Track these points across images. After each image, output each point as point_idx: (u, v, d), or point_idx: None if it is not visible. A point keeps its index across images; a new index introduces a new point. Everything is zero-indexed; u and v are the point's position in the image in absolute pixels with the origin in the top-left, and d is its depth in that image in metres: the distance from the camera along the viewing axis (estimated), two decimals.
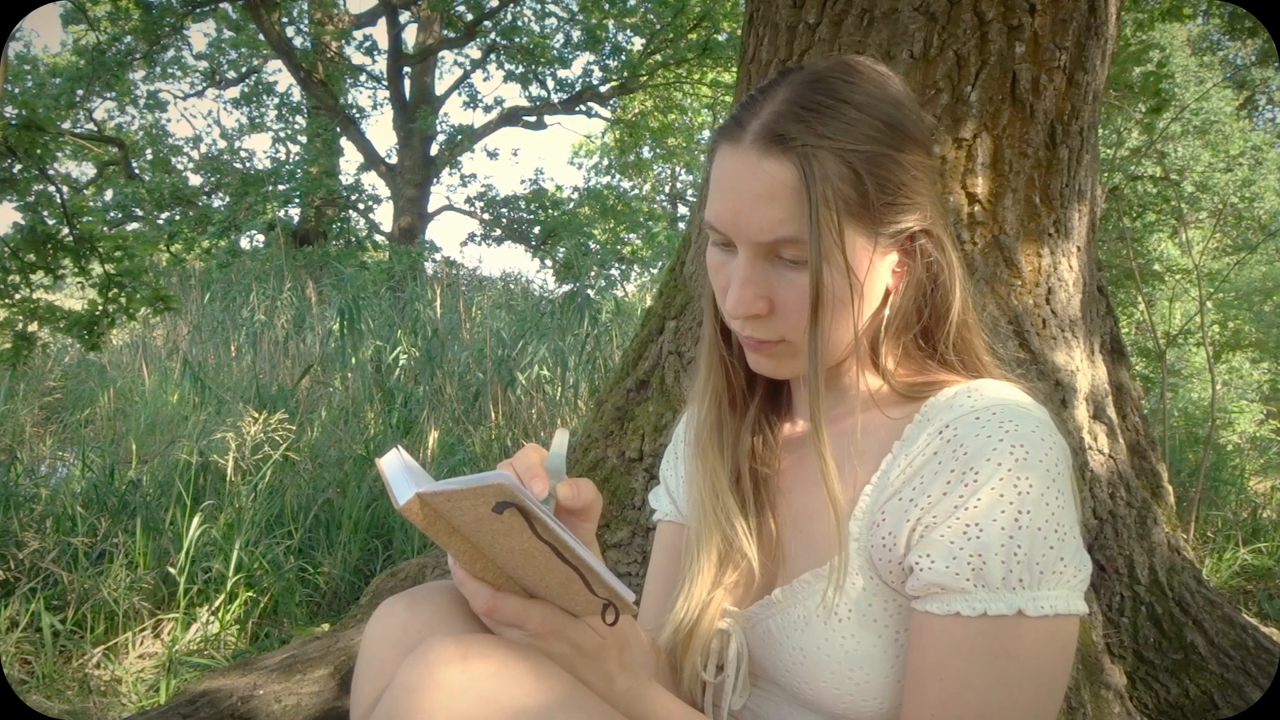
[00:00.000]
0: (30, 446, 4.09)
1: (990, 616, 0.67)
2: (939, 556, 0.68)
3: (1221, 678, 1.79)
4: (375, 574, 2.70)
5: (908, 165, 0.75)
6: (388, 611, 0.80)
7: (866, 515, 0.75)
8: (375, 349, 5.34)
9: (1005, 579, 0.67)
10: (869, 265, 0.75)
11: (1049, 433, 0.69)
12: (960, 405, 0.72)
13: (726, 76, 12.20)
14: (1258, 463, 5.24)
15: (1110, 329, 2.16)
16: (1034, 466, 0.67)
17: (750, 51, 1.96)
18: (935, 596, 0.69)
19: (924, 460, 0.71)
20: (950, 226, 0.82)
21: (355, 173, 13.76)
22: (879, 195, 0.73)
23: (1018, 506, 0.67)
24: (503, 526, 0.62)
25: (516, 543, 0.63)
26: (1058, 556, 0.67)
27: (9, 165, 3.51)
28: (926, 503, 0.70)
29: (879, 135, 0.73)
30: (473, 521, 0.63)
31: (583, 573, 0.65)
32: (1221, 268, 8.13)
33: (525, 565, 0.66)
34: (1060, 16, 1.71)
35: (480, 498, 0.60)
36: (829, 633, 0.75)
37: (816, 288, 0.73)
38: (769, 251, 0.75)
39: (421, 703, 0.64)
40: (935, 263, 0.78)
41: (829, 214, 0.71)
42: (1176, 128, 9.13)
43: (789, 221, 0.72)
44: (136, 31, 10.67)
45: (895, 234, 0.76)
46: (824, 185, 0.71)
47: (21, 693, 2.04)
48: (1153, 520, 1.92)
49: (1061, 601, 0.68)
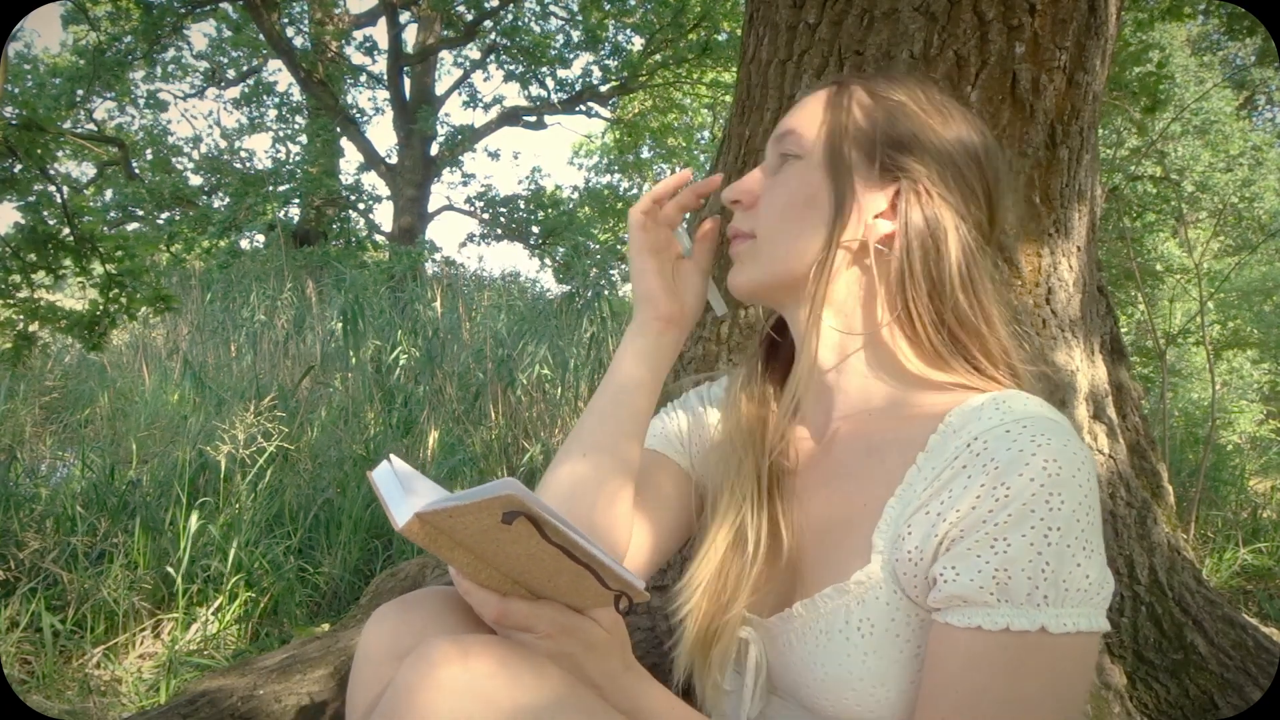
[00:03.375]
0: (30, 446, 4.09)
1: (1013, 632, 0.66)
2: (964, 569, 0.67)
3: (1221, 678, 1.79)
4: (375, 574, 2.70)
5: (927, 126, 0.80)
6: (382, 617, 0.80)
7: (891, 528, 0.74)
8: (375, 349, 5.34)
9: (1030, 595, 0.66)
10: (855, 186, 0.80)
11: (1080, 448, 0.68)
12: (989, 417, 0.71)
13: (726, 76, 12.20)
14: (1258, 463, 5.24)
15: (1110, 329, 2.16)
16: (1066, 483, 0.66)
17: (750, 51, 1.96)
18: (957, 609, 0.68)
19: (952, 474, 0.70)
20: (985, 228, 0.83)
21: (355, 173, 13.79)
22: (889, 127, 0.80)
23: (1048, 523, 0.66)
24: (509, 535, 0.61)
25: (523, 548, 0.63)
26: (1084, 575, 0.67)
27: (9, 165, 3.51)
28: (955, 516, 0.69)
29: (911, 96, 0.82)
30: (477, 533, 0.62)
31: (595, 569, 0.64)
32: (1222, 268, 8.13)
33: (532, 568, 0.65)
34: (1060, 16, 1.71)
35: (486, 510, 0.59)
36: (850, 649, 0.74)
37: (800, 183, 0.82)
38: (779, 152, 0.85)
39: (422, 703, 0.64)
40: (927, 237, 0.78)
41: (839, 122, 0.81)
42: (1176, 128, 9.13)
43: (804, 121, 0.84)
44: (136, 31, 10.66)
45: (885, 171, 0.80)
46: (845, 98, 0.82)
47: (21, 693, 2.04)
48: (1153, 520, 1.92)
49: (1085, 620, 0.67)
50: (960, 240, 0.79)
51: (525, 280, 10.58)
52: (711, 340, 1.91)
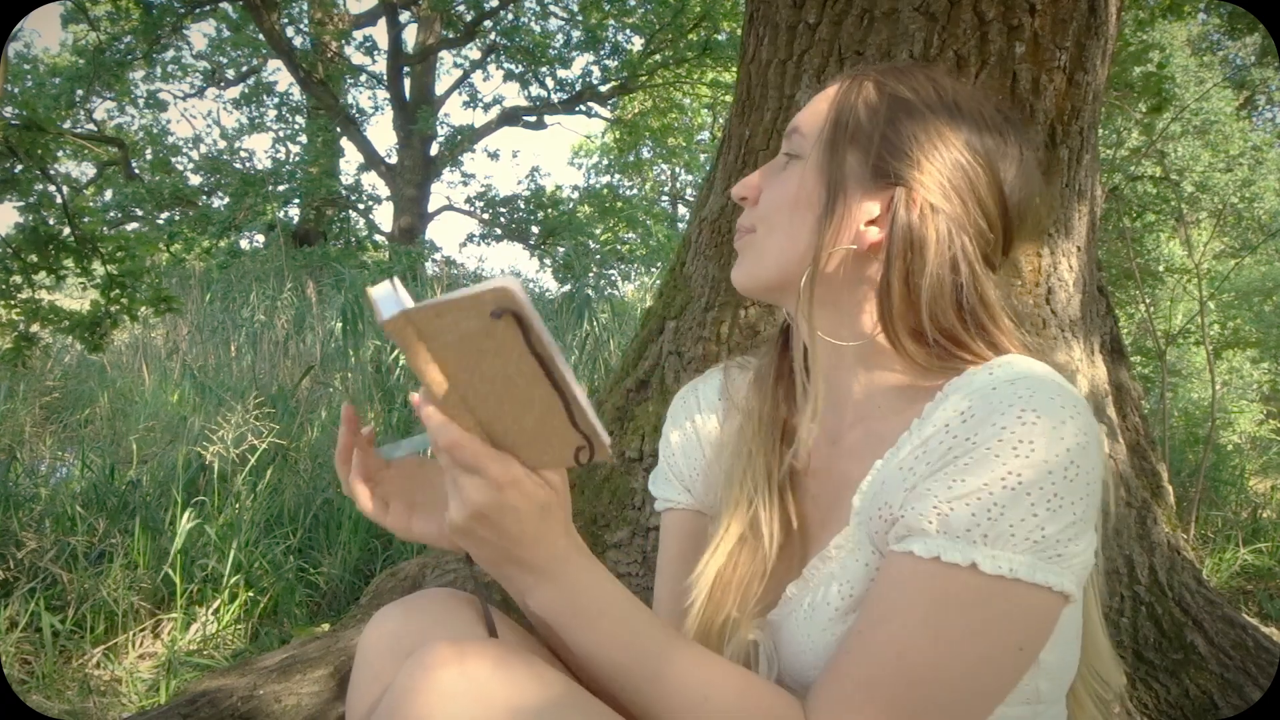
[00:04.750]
0: (30, 446, 4.09)
1: (942, 562, 0.65)
2: (918, 504, 0.68)
3: (1221, 678, 1.79)
4: (375, 574, 2.70)
5: (936, 133, 0.77)
6: (383, 618, 0.79)
7: (870, 487, 0.74)
8: (375, 349, 5.34)
9: (969, 531, 0.65)
10: (848, 190, 0.78)
11: (1069, 404, 0.66)
12: (979, 381, 0.70)
13: (726, 76, 12.20)
14: (1258, 463, 5.24)
15: (1110, 329, 2.16)
16: (1044, 434, 0.64)
17: (750, 51, 1.96)
18: (902, 538, 0.69)
19: (933, 430, 0.70)
20: (991, 237, 0.78)
21: (355, 173, 13.82)
22: (889, 129, 0.77)
23: (1009, 468, 0.64)
24: (492, 344, 0.60)
25: (501, 366, 0.61)
26: (1039, 525, 0.64)
27: (10, 165, 3.52)
28: (925, 469, 0.69)
29: (921, 92, 0.78)
30: (459, 340, 0.60)
31: (568, 398, 0.62)
32: (1222, 268, 8.13)
33: (504, 396, 0.63)
34: (1060, 16, 1.71)
35: (476, 306, 0.57)
36: (833, 613, 0.74)
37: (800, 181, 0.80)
38: (785, 150, 0.83)
39: (420, 705, 0.64)
40: (915, 248, 0.75)
41: (842, 123, 0.79)
42: (1176, 128, 9.13)
43: (808, 120, 0.82)
44: (136, 31, 10.67)
45: (880, 177, 0.77)
46: (852, 95, 0.80)
47: (21, 693, 2.04)
48: (1153, 520, 1.92)
49: (1024, 569, 0.64)
50: (953, 254, 0.74)
51: (525, 280, 10.58)
52: (712, 340, 1.91)
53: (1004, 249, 0.80)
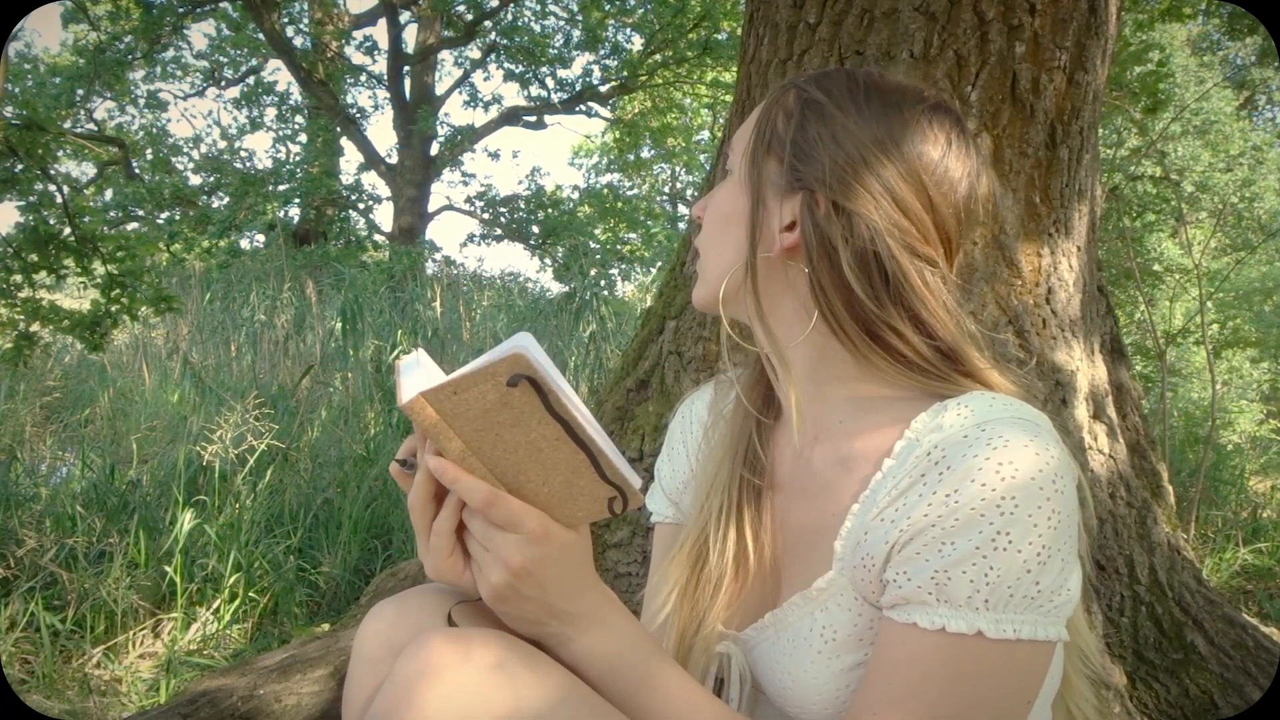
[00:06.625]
0: (30, 446, 4.09)
1: (949, 633, 0.65)
2: (912, 572, 0.67)
3: (1221, 678, 1.79)
4: (375, 574, 2.70)
5: (843, 131, 0.75)
6: (379, 614, 0.80)
7: (851, 535, 0.74)
8: (375, 349, 5.34)
9: (970, 599, 0.65)
10: (767, 200, 0.78)
11: (1044, 447, 0.66)
12: (950, 424, 0.70)
13: (726, 76, 12.20)
14: (1258, 463, 5.24)
15: (1110, 329, 2.16)
16: (1023, 487, 0.64)
17: (750, 51, 1.96)
18: (900, 607, 0.69)
19: (910, 482, 0.69)
20: (916, 229, 0.75)
21: (355, 173, 13.80)
22: (798, 134, 0.77)
23: (998, 528, 0.64)
24: (510, 416, 0.60)
25: (523, 434, 0.61)
26: (1033, 581, 0.65)
27: (10, 165, 3.52)
28: (907, 524, 0.68)
29: (833, 92, 0.78)
30: (478, 415, 0.60)
31: (594, 454, 0.62)
32: (1221, 268, 8.13)
33: (529, 462, 0.63)
34: (1060, 16, 1.72)
35: (491, 378, 0.58)
36: (815, 655, 0.75)
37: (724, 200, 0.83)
38: (724, 168, 0.85)
39: (421, 695, 0.64)
40: (823, 247, 0.74)
41: (761, 135, 0.80)
42: (1176, 128, 9.13)
43: (738, 136, 0.84)
44: (136, 31, 10.66)
45: (795, 181, 0.76)
46: (773, 106, 0.80)
47: (21, 693, 2.04)
48: (1153, 520, 1.92)
49: (1027, 627, 0.65)
50: (874, 249, 0.73)
51: (525, 280, 10.60)
52: (712, 340, 1.91)
53: (943, 239, 0.77)
